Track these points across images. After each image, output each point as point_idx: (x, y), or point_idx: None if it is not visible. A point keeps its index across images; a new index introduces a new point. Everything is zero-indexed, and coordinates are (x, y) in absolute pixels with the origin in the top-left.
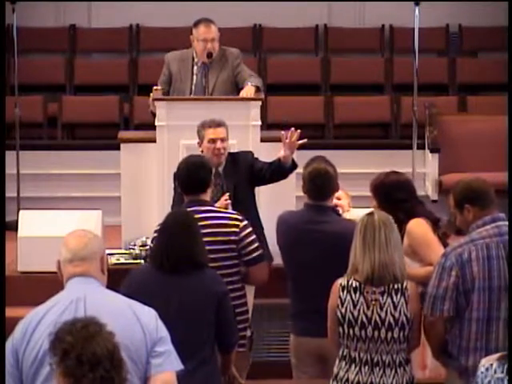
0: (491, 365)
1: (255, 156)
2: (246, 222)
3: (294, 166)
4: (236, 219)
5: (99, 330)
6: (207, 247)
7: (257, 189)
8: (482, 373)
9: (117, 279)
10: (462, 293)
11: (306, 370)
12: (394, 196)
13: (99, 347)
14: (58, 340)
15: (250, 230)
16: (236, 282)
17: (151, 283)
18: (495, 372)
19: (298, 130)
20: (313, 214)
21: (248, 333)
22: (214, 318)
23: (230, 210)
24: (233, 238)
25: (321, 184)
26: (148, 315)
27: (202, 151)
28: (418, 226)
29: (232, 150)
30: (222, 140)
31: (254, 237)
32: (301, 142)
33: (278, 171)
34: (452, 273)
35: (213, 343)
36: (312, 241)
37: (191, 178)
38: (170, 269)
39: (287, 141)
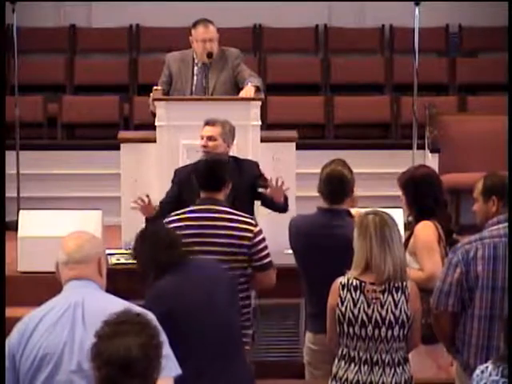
0: (486, 367)
1: (260, 168)
2: (259, 228)
3: (286, 207)
4: (250, 224)
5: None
6: (218, 248)
7: None
8: (477, 375)
9: (117, 279)
10: (465, 289)
11: (320, 367)
12: (423, 191)
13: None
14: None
15: (262, 236)
16: (242, 283)
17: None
18: (490, 375)
19: (284, 182)
20: (327, 217)
21: (250, 332)
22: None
23: (243, 214)
24: (246, 242)
25: (335, 187)
26: None
27: None
28: (425, 230)
29: (236, 155)
30: (209, 138)
31: (265, 243)
32: (286, 189)
33: (269, 206)
34: (457, 269)
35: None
36: (326, 245)
37: (208, 175)
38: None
39: (274, 187)
